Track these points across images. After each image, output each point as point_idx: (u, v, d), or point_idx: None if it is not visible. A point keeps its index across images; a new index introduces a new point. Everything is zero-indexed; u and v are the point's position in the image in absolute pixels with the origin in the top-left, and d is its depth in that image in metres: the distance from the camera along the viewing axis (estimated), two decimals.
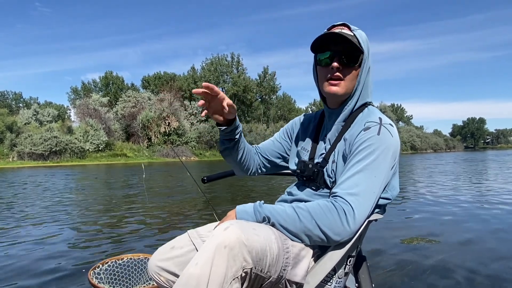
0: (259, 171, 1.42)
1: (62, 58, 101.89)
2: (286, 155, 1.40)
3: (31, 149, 29.04)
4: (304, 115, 1.40)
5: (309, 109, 70.68)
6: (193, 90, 1.12)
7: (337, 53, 1.12)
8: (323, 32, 1.13)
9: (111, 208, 6.32)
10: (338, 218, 0.97)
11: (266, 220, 1.04)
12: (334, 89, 1.13)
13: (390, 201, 1.14)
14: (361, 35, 1.13)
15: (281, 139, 1.41)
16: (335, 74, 1.12)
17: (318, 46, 1.15)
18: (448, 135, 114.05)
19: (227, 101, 1.08)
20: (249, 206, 1.08)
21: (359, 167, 1.03)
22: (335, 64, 1.11)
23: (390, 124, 1.10)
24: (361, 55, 1.12)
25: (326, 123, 1.24)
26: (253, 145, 1.42)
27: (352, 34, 1.12)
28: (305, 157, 1.25)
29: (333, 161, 1.14)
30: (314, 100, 72.45)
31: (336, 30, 1.14)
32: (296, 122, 1.40)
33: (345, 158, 1.11)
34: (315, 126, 1.30)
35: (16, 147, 29.42)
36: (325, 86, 1.16)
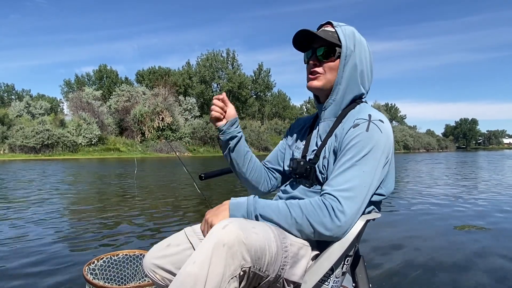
0: (272, 182, 1.41)
1: (56, 51, 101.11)
2: None
3: (22, 142, 28.68)
4: (299, 119, 1.43)
5: (304, 106, 70.69)
6: (216, 97, 1.28)
7: (314, 50, 1.18)
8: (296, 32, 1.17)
9: (105, 203, 6.28)
10: (327, 214, 0.98)
11: (258, 213, 1.04)
12: (312, 83, 1.19)
13: (384, 197, 1.14)
14: (344, 30, 1.16)
15: (283, 147, 1.41)
16: (313, 69, 1.18)
17: (303, 46, 1.22)
18: (440, 135, 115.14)
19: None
20: (242, 200, 1.08)
21: (348, 164, 1.04)
22: (311, 61, 1.19)
23: (380, 120, 1.09)
24: (338, 48, 1.14)
25: (319, 120, 1.25)
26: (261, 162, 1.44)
27: (334, 30, 1.16)
28: (298, 155, 1.26)
29: (324, 157, 1.14)
30: (309, 98, 72.25)
31: (321, 29, 1.19)
32: (292, 126, 1.43)
33: (335, 154, 1.12)
34: (309, 126, 1.31)
35: (8, 139, 29.03)
36: (307, 82, 1.22)
